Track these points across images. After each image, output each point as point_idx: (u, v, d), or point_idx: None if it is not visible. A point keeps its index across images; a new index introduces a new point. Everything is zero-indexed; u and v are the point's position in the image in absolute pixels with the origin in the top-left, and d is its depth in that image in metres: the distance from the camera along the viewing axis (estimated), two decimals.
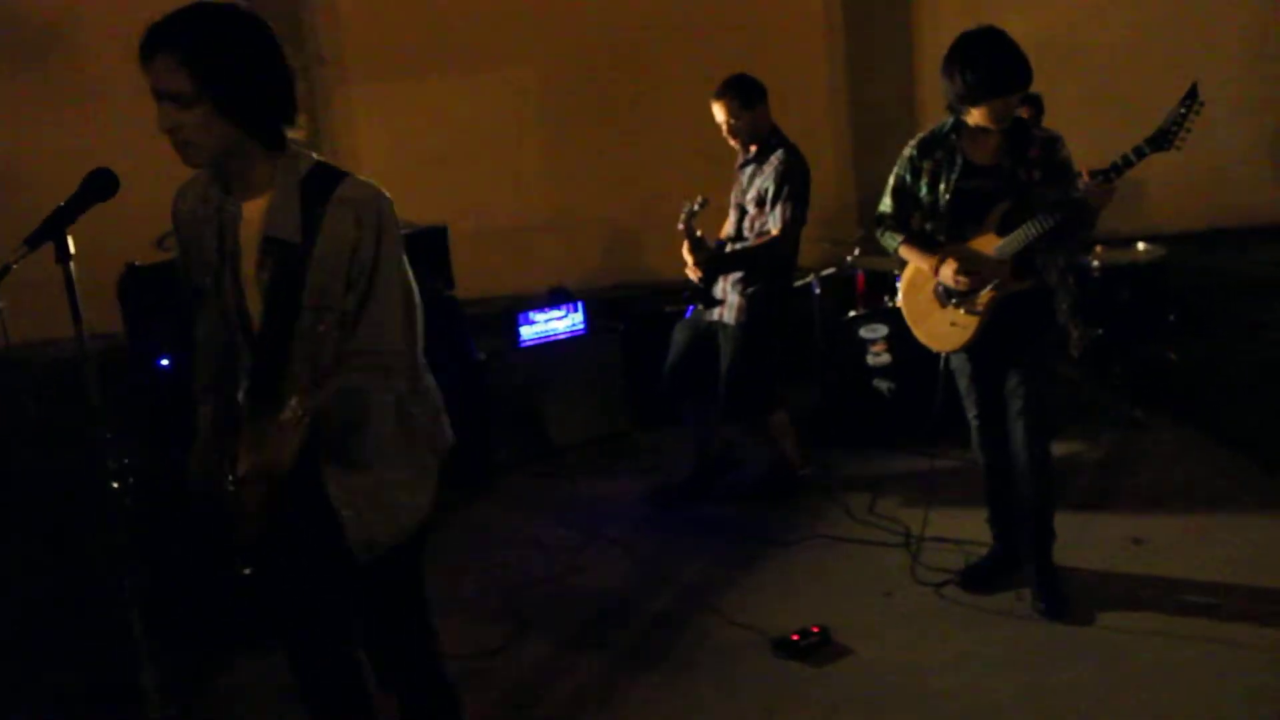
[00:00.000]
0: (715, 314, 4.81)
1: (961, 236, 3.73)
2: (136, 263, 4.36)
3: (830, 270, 5.80)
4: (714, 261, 4.74)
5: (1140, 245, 5.72)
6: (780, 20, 7.49)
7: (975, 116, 3.63)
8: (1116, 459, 5.05)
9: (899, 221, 3.90)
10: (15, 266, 2.24)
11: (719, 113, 4.67)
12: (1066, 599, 3.85)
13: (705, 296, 4.83)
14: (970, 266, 3.68)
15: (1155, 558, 4.14)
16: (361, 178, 2.38)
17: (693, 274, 4.81)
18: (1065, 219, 3.52)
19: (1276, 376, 5.54)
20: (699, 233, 4.74)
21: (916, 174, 3.83)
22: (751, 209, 4.74)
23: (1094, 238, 5.33)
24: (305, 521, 2.39)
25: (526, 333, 5.63)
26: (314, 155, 2.42)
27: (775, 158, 4.64)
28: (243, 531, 2.40)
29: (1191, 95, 3.38)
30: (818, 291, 5.74)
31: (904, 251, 3.88)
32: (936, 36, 7.56)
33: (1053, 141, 3.67)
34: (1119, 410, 5.36)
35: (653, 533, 4.84)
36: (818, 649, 3.74)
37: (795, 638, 3.77)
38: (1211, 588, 3.90)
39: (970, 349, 3.82)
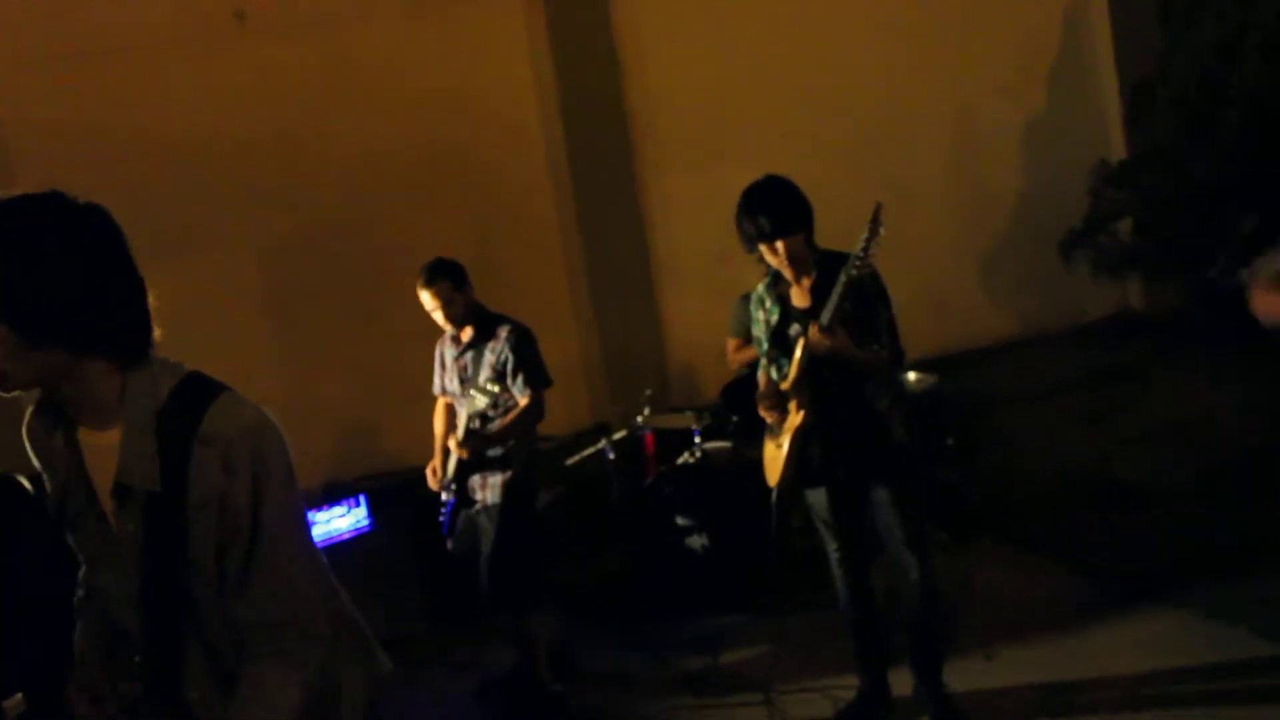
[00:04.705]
0: (478, 501, 4.88)
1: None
2: None
3: (621, 434, 6.05)
4: (479, 442, 4.77)
5: (911, 375, 6.34)
6: (511, 191, 7.82)
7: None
8: (940, 581, 5.47)
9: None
10: None
11: (430, 300, 4.80)
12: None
13: (463, 494, 4.92)
14: (774, 401, 4.08)
15: (1010, 669, 4.54)
16: (237, 398, 2.10)
17: (432, 480, 5.00)
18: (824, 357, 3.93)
19: (1051, 486, 6.23)
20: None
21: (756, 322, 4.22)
22: (491, 388, 4.80)
23: None
24: None
25: None
26: (181, 366, 2.12)
27: (502, 331, 4.84)
28: None
29: (875, 218, 3.80)
30: (611, 457, 5.96)
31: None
32: (663, 190, 8.20)
33: (860, 279, 3.93)
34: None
35: None
36: None
37: None
38: (1072, 687, 4.33)
39: (808, 481, 4.15)
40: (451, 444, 4.88)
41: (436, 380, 5.10)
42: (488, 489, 4.86)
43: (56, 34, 6.78)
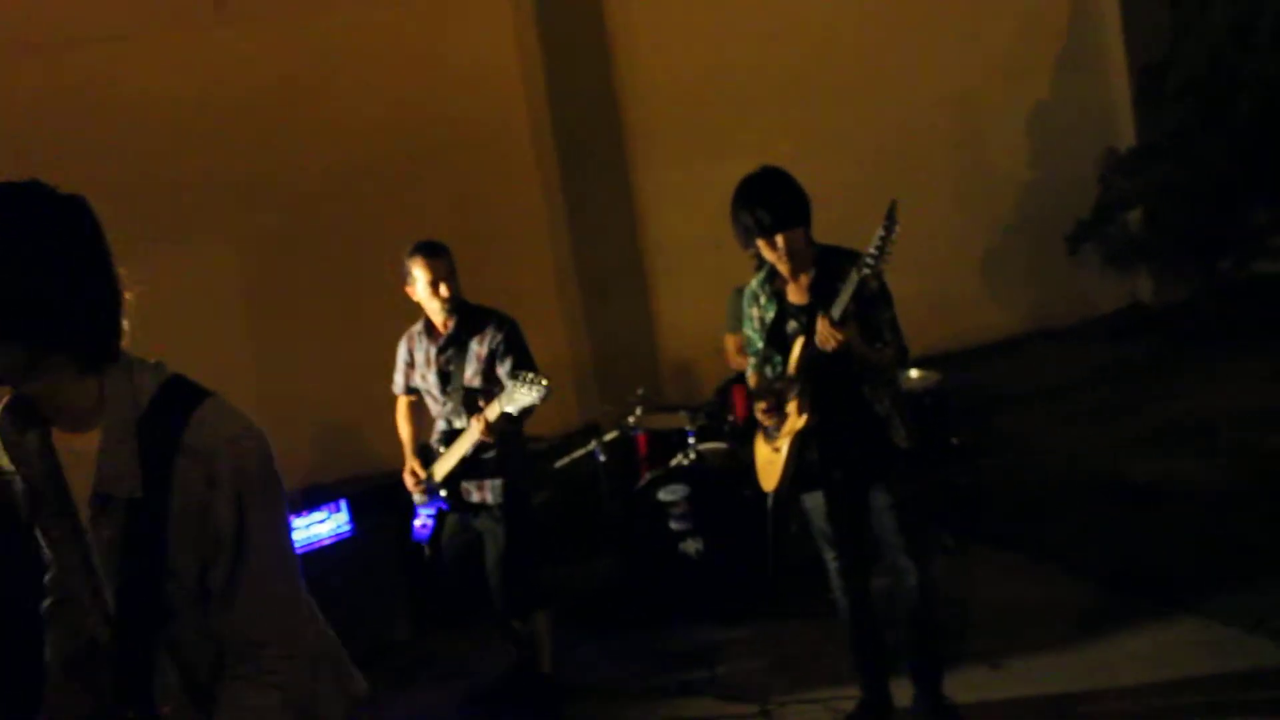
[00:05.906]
0: (475, 500, 4.73)
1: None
2: None
3: (612, 435, 5.96)
4: (507, 422, 4.50)
5: (914, 372, 6.25)
6: (497, 184, 7.73)
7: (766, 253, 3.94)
8: (946, 587, 5.39)
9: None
10: None
11: (432, 273, 4.61)
12: None
13: (457, 497, 4.76)
14: (772, 402, 3.99)
15: (1017, 679, 4.43)
16: (222, 405, 2.05)
17: (411, 483, 4.80)
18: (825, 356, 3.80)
19: (1059, 488, 6.15)
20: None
21: (749, 319, 4.12)
22: (479, 382, 4.70)
23: None
24: None
25: None
26: (163, 367, 2.07)
27: (491, 322, 4.71)
28: None
29: (890, 215, 3.68)
30: (601, 459, 5.86)
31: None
32: (655, 182, 8.11)
33: (866, 276, 3.81)
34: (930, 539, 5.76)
35: None
36: None
37: None
38: (1082, 698, 4.23)
39: (805, 486, 4.06)
40: (472, 432, 4.56)
41: (399, 379, 4.95)
42: (486, 491, 4.72)
43: (32, 22, 6.71)
